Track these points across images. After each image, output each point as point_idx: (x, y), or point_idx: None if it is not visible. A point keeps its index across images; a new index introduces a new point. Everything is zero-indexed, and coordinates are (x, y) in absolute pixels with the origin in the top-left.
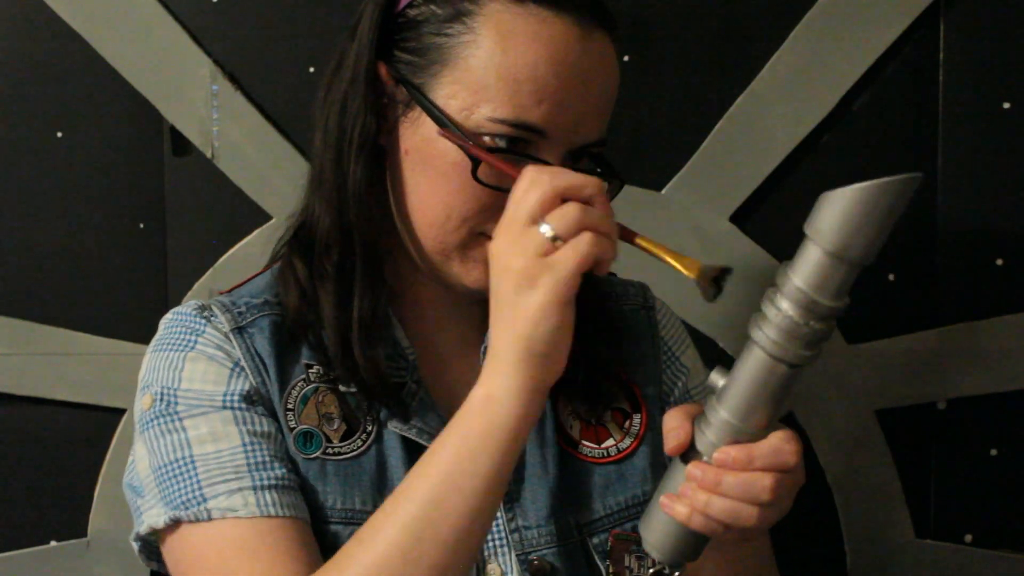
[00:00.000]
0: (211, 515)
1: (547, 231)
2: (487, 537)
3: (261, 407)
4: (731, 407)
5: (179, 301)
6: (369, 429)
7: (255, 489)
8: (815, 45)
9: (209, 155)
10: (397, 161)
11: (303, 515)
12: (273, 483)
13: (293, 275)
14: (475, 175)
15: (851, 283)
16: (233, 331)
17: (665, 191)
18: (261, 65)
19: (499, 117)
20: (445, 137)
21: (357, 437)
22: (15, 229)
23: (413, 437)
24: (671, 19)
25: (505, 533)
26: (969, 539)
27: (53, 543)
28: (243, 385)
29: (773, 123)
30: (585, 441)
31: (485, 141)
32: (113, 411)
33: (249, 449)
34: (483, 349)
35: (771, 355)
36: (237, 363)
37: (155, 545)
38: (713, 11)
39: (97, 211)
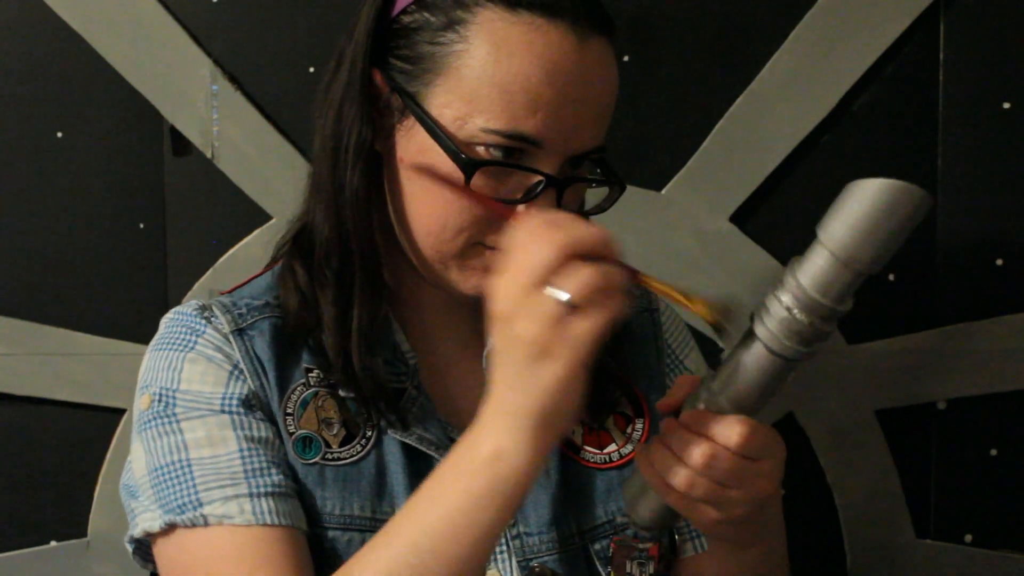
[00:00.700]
0: (207, 521)
1: (561, 297)
2: None
3: (259, 412)
4: (721, 386)
5: (179, 301)
6: (369, 434)
7: (251, 496)
8: (815, 45)
9: (209, 155)
10: (393, 168)
11: (299, 523)
12: (269, 490)
13: (293, 279)
14: (468, 186)
15: (855, 288)
16: (233, 333)
17: (665, 191)
18: (261, 65)
19: (493, 128)
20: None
21: (357, 442)
22: (15, 229)
23: (413, 443)
24: (671, 19)
25: (506, 539)
26: (969, 539)
27: (53, 543)
28: (242, 389)
29: (773, 123)
30: (587, 446)
31: (479, 151)
32: (113, 411)
33: (246, 455)
34: (485, 355)
35: (768, 347)
36: (236, 365)
37: (149, 547)
38: (713, 11)
39: (97, 211)
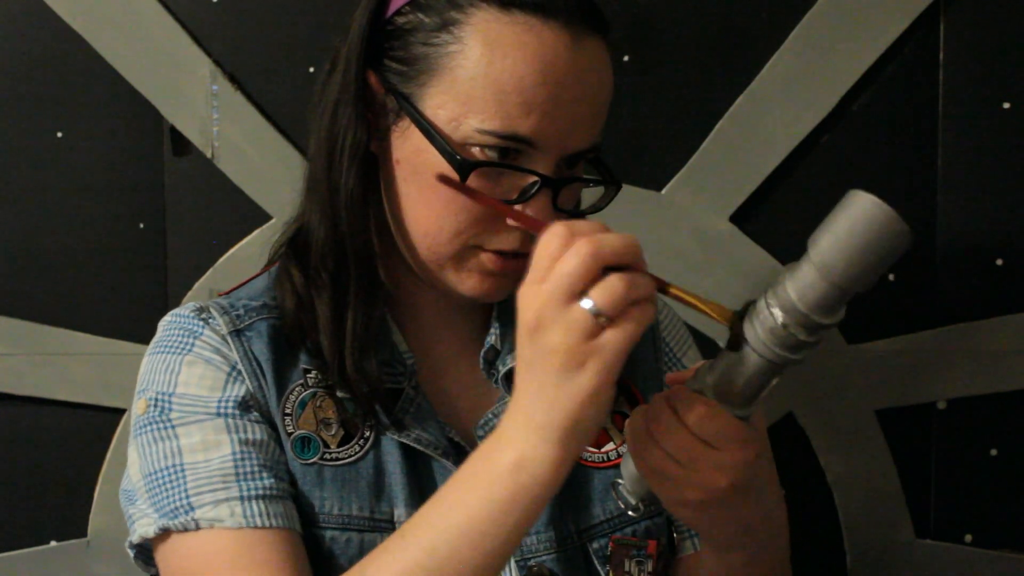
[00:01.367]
0: (199, 525)
1: (592, 308)
2: None
3: (256, 413)
4: (710, 375)
5: (179, 301)
6: (367, 435)
7: (242, 499)
8: (815, 45)
9: (209, 155)
10: (389, 170)
11: (292, 525)
12: (261, 493)
13: (290, 282)
14: (463, 184)
15: (842, 304)
16: (231, 334)
17: (665, 191)
18: (261, 65)
19: (487, 129)
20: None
21: (355, 442)
22: (15, 229)
23: (411, 444)
24: (671, 19)
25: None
26: (969, 539)
27: (53, 543)
28: (239, 390)
29: (773, 123)
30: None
31: (475, 152)
32: (113, 411)
33: (239, 458)
34: (482, 356)
35: (753, 349)
36: (234, 367)
37: (150, 551)
38: (713, 11)
39: (97, 211)
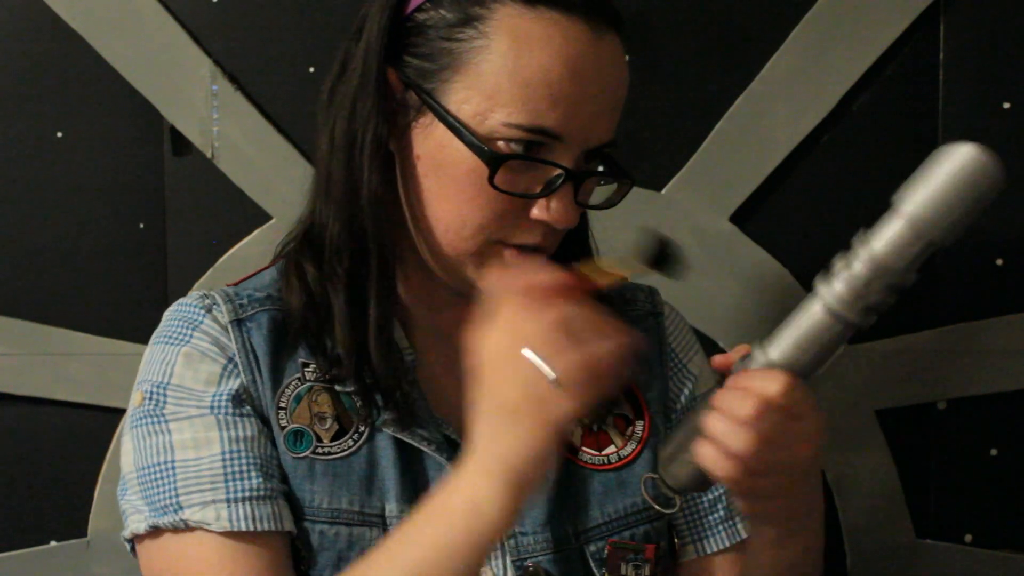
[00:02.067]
0: (187, 524)
1: (549, 375)
2: None
3: (248, 406)
4: (776, 351)
5: None
6: (361, 430)
7: (228, 502)
8: (815, 45)
9: (209, 155)
10: (409, 167)
11: (279, 526)
12: (248, 495)
13: (299, 278)
14: (492, 182)
15: (921, 261)
16: (232, 323)
17: (665, 191)
18: (261, 65)
19: (514, 122)
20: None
21: (348, 437)
22: (15, 229)
23: (406, 439)
24: (671, 19)
25: (501, 539)
26: (969, 539)
27: (53, 543)
28: (233, 384)
29: (773, 123)
30: (585, 448)
31: (500, 146)
32: (113, 411)
33: (227, 458)
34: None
35: (829, 308)
36: (231, 359)
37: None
38: (713, 11)
39: (97, 211)
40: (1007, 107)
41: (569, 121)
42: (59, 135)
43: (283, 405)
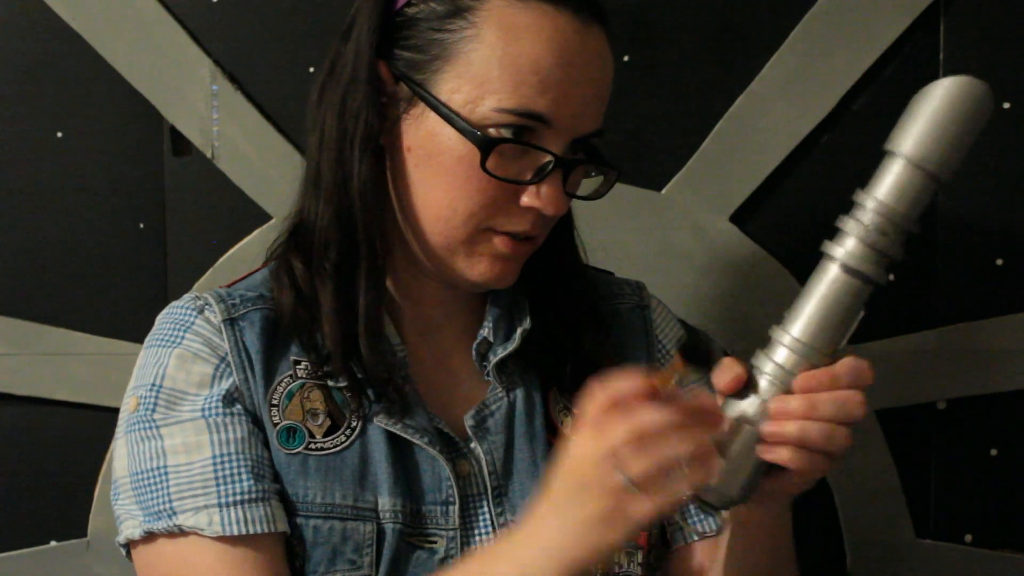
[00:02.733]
0: (181, 530)
1: (625, 480)
2: (475, 531)
3: (240, 406)
4: (800, 326)
5: None
6: (354, 424)
7: (220, 507)
8: (815, 45)
9: (209, 155)
10: (399, 159)
11: (272, 528)
12: (240, 498)
13: (289, 275)
14: (484, 166)
15: (926, 202)
16: (224, 322)
17: (665, 191)
18: (261, 65)
19: (505, 107)
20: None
21: (341, 432)
22: (15, 229)
23: (398, 432)
24: (671, 19)
25: (493, 527)
26: (969, 539)
27: (53, 543)
28: (225, 384)
29: (773, 123)
30: None
31: (491, 132)
32: (113, 411)
33: (219, 462)
34: (474, 347)
35: (847, 267)
36: (223, 359)
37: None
38: (713, 11)
39: (97, 211)
40: (1007, 107)
41: (559, 107)
42: (59, 135)
43: (275, 402)
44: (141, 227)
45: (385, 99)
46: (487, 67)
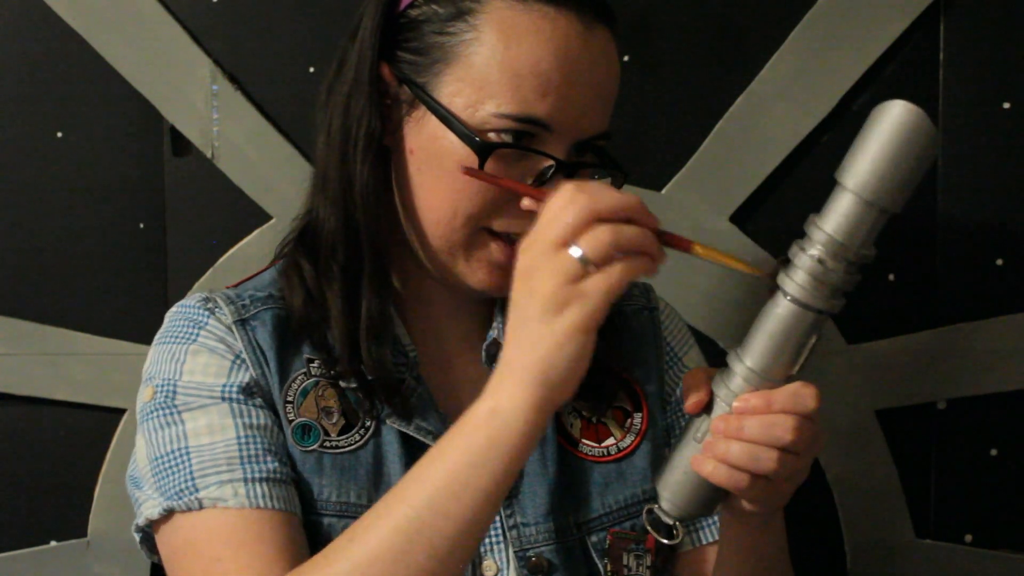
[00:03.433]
0: (202, 504)
1: (578, 255)
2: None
3: (259, 399)
4: (753, 355)
5: (179, 301)
6: (368, 424)
7: (245, 481)
8: (815, 45)
9: (209, 155)
10: (402, 161)
11: (293, 509)
12: (264, 476)
13: (298, 276)
14: (483, 170)
15: (878, 231)
16: (236, 323)
17: (665, 191)
18: (261, 65)
19: (504, 112)
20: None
21: (355, 431)
22: (15, 229)
23: (411, 433)
24: (671, 19)
25: (503, 529)
26: (969, 539)
27: (53, 543)
28: (243, 376)
29: (773, 123)
30: (585, 440)
31: (491, 137)
32: (113, 411)
33: (243, 442)
34: (484, 349)
35: (798, 302)
36: (238, 355)
37: (154, 536)
38: (713, 11)
39: (97, 211)
40: (1007, 107)
41: (559, 111)
42: (59, 135)
43: (290, 399)
44: (141, 227)
45: (389, 101)
46: (487, 70)
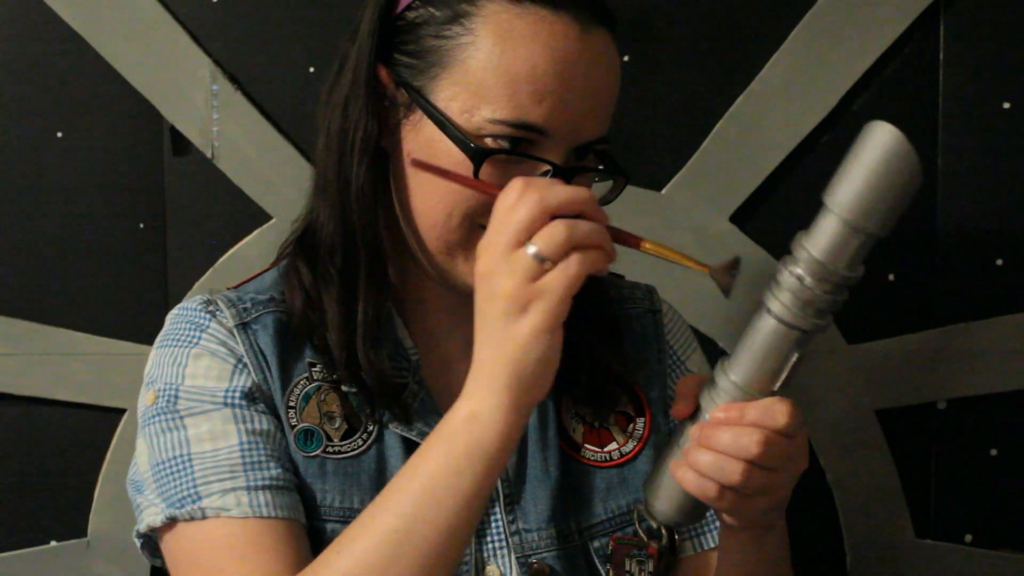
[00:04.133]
0: (205, 514)
1: (535, 252)
2: (487, 537)
3: (262, 404)
4: (737, 370)
5: (179, 301)
6: (370, 429)
7: (248, 489)
8: (815, 45)
9: (209, 155)
10: (400, 164)
11: (296, 516)
12: (267, 483)
13: (297, 278)
14: (476, 178)
15: (866, 253)
16: (237, 327)
17: (665, 191)
18: (261, 65)
19: (499, 118)
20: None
21: (358, 436)
22: (15, 229)
23: (414, 438)
24: (671, 19)
25: (505, 535)
26: (969, 539)
27: (53, 543)
28: (245, 381)
29: (773, 123)
30: (588, 444)
31: (487, 142)
32: (113, 411)
33: (246, 448)
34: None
35: (782, 320)
36: (240, 359)
37: (157, 542)
38: (713, 11)
39: (97, 211)
40: (1007, 107)
41: (555, 117)
42: (59, 135)
43: (292, 404)
44: (141, 227)
45: (387, 103)
46: (483, 75)
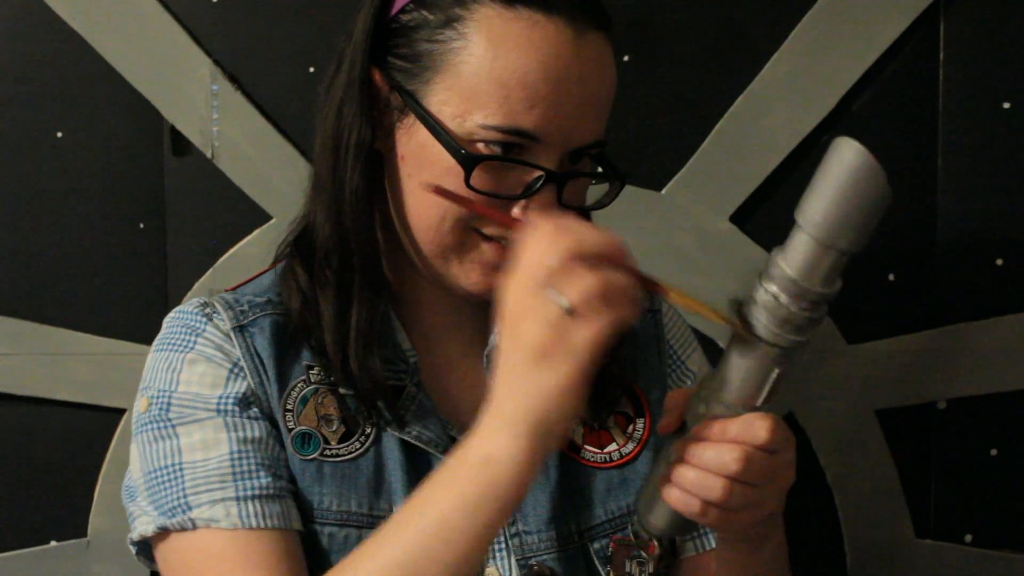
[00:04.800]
0: (195, 524)
1: (563, 303)
2: None
3: (256, 408)
4: (718, 385)
5: (179, 301)
6: (368, 432)
7: (237, 500)
8: (815, 45)
9: (209, 155)
10: (394, 167)
11: (288, 524)
12: (256, 493)
13: (294, 280)
14: (468, 183)
15: (841, 268)
16: (234, 330)
17: (665, 191)
18: (261, 65)
19: (491, 124)
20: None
21: (356, 439)
22: (15, 229)
23: (412, 441)
24: (671, 19)
25: (505, 537)
26: (969, 539)
27: (53, 543)
28: (240, 387)
29: (773, 123)
30: (587, 446)
31: (479, 147)
32: (113, 411)
33: (236, 458)
34: (486, 355)
35: (760, 338)
36: (236, 363)
37: (151, 548)
38: (713, 11)
39: (97, 211)
40: (1007, 107)
41: (548, 122)
42: (59, 135)
43: (290, 407)
44: (141, 227)
45: (381, 106)
46: (475, 80)
